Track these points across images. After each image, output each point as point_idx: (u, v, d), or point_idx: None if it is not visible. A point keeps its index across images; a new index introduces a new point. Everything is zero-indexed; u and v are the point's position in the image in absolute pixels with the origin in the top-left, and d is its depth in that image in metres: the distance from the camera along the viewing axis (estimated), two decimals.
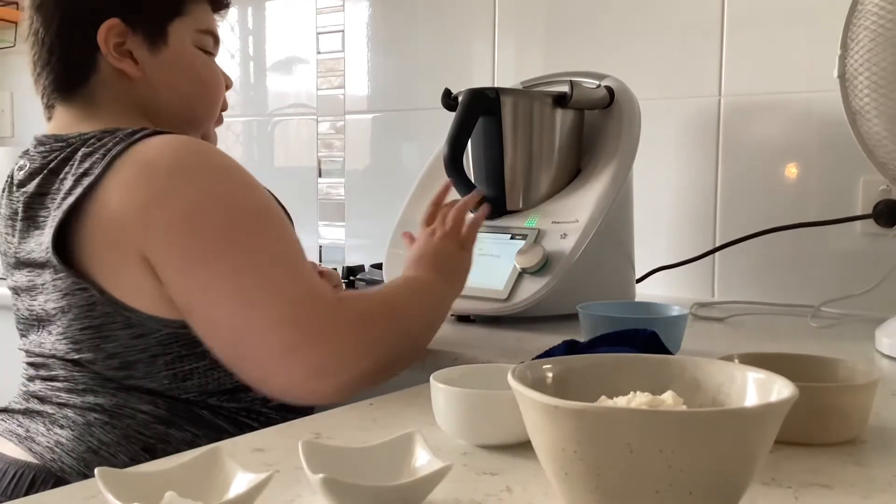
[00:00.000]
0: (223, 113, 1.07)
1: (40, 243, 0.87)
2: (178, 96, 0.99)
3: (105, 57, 0.94)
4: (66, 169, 0.88)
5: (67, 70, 0.95)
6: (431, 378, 0.67)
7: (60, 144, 0.91)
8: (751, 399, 0.54)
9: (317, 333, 0.82)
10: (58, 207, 0.86)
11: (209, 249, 0.83)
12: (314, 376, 0.82)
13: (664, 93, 1.45)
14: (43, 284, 0.88)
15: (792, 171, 1.36)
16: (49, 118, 0.98)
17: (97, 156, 0.86)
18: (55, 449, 0.86)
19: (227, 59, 2.07)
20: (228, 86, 1.07)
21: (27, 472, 0.85)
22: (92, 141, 0.89)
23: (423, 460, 0.56)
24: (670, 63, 1.45)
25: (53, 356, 0.89)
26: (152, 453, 0.85)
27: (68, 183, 0.86)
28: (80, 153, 0.88)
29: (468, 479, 0.58)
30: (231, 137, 2.09)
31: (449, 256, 1.02)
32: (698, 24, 1.42)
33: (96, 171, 0.84)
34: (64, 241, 0.85)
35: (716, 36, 1.41)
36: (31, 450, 0.87)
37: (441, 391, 0.65)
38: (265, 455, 0.64)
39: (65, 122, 0.96)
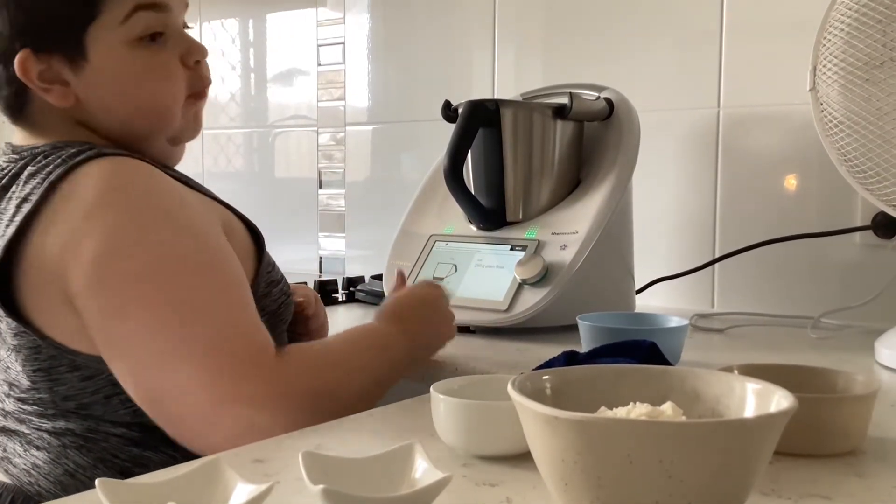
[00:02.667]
0: (207, 89, 0.96)
1: None
2: (115, 117, 0.89)
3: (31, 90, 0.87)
4: (13, 189, 0.83)
5: (4, 103, 0.90)
6: (432, 388, 0.67)
7: (15, 157, 0.87)
8: (750, 410, 0.54)
9: (242, 394, 0.75)
10: (1, 236, 0.81)
11: (121, 303, 0.76)
12: (243, 435, 0.73)
13: (663, 104, 1.45)
14: None
15: (791, 182, 1.36)
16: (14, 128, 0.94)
17: (38, 179, 0.81)
18: (32, 472, 0.84)
19: (229, 70, 2.08)
20: (199, 59, 0.93)
21: (6, 494, 0.84)
22: (39, 158, 0.83)
23: (422, 471, 0.56)
24: (669, 75, 1.46)
25: (17, 385, 0.85)
26: (129, 476, 0.81)
27: (11, 208, 0.81)
28: (26, 172, 0.83)
29: (468, 490, 0.58)
30: (232, 149, 2.09)
31: (428, 306, 0.96)
32: (697, 35, 1.43)
33: (34, 199, 0.79)
34: (8, 277, 0.80)
35: (715, 48, 1.41)
36: (7, 471, 0.85)
37: (441, 402, 0.65)
38: (265, 466, 0.64)
39: (22, 135, 0.91)
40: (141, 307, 0.76)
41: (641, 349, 0.84)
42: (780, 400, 0.52)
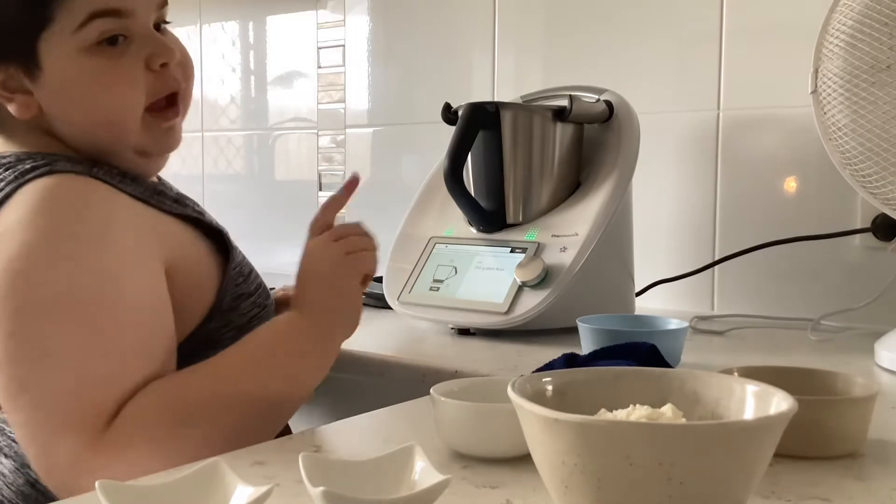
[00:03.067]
0: (179, 94, 0.88)
1: None
2: (76, 128, 0.85)
3: None
4: None
5: None
6: (432, 391, 0.67)
7: None
8: (749, 412, 0.54)
9: (68, 456, 0.72)
10: None
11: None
12: (74, 477, 0.72)
13: (663, 107, 1.46)
14: None
15: (791, 184, 1.37)
16: None
17: None
18: None
19: (229, 72, 2.08)
20: (166, 62, 0.85)
21: None
22: (0, 171, 0.81)
23: (422, 473, 0.56)
24: (669, 77, 1.46)
25: None
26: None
27: None
28: None
29: (468, 493, 0.58)
30: (232, 151, 2.09)
31: (332, 269, 0.89)
32: (697, 38, 1.43)
33: None
34: None
35: (714, 50, 1.41)
36: None
37: (441, 404, 0.65)
38: (265, 468, 0.64)
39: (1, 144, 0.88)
40: (5, 339, 0.73)
41: (641, 351, 0.84)
42: (779, 402, 0.52)
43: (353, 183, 1.00)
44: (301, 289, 0.88)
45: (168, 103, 0.88)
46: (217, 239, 0.92)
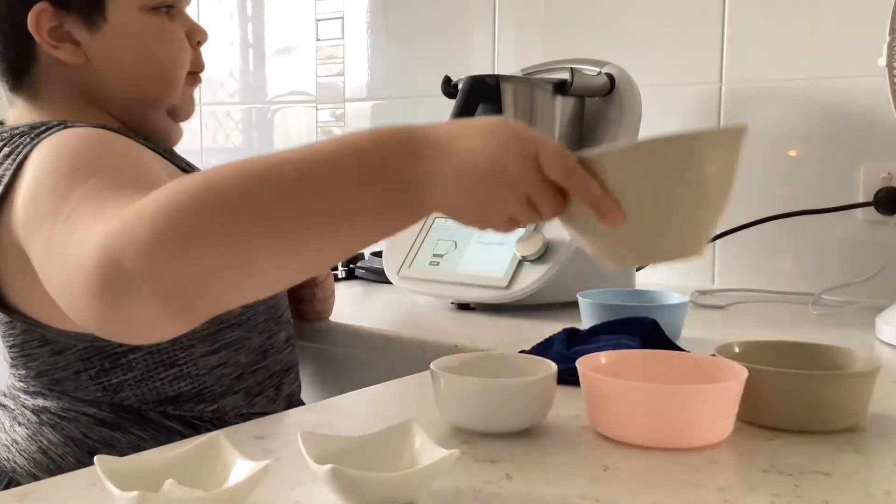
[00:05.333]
0: (201, 73, 0.96)
1: None
2: (125, 78, 0.88)
3: (41, 45, 0.85)
4: None
5: (7, 64, 0.87)
6: (432, 366, 0.67)
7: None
8: None
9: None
10: None
11: (35, 209, 0.70)
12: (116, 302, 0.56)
13: (665, 80, 1.44)
14: None
15: (793, 158, 1.36)
16: (10, 106, 0.91)
17: (10, 160, 0.78)
18: (11, 447, 0.85)
19: (227, 46, 2.07)
20: (201, 41, 0.95)
21: None
22: (16, 138, 0.81)
23: (422, 448, 0.56)
24: (671, 50, 1.45)
25: (7, 359, 0.88)
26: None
27: None
28: (2, 153, 0.80)
29: (468, 467, 0.58)
30: (230, 125, 2.08)
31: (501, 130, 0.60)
32: (699, 10, 1.41)
33: (5, 181, 0.77)
34: None
35: (717, 23, 1.40)
36: None
37: (441, 379, 0.65)
38: (265, 442, 0.64)
39: (16, 113, 0.89)
40: (41, 217, 0.68)
41: (642, 326, 0.84)
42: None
43: None
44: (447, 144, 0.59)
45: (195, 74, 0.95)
46: None
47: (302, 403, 0.98)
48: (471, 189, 0.58)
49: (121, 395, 0.84)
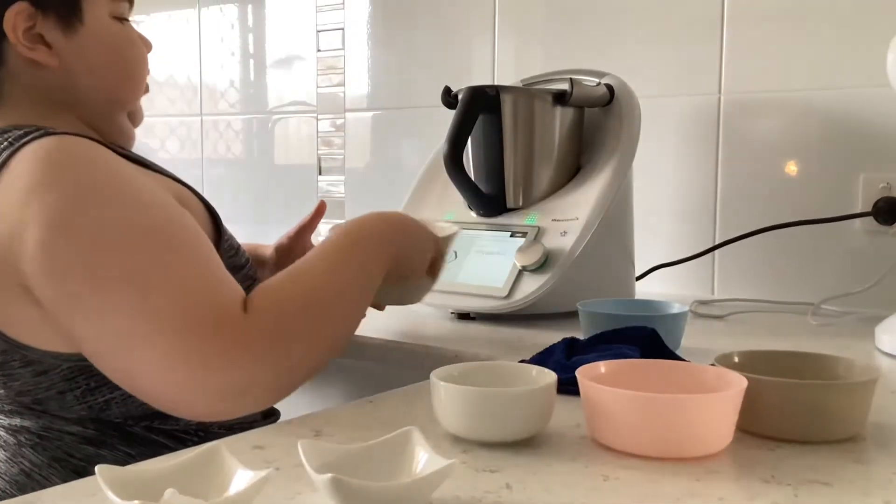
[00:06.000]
0: (147, 79, 0.98)
1: None
2: (100, 81, 0.89)
3: (14, 47, 0.84)
4: None
5: None
6: (432, 375, 0.67)
7: None
8: None
9: (217, 361, 0.70)
10: None
11: (75, 288, 0.72)
12: (221, 401, 0.72)
13: (664, 90, 1.45)
14: None
15: (792, 168, 1.36)
16: None
17: None
18: None
19: (228, 56, 2.07)
20: (149, 50, 0.97)
21: None
22: None
23: (423, 457, 0.56)
24: (670, 61, 1.45)
25: None
26: (83, 477, 0.78)
27: None
28: None
29: (468, 477, 0.58)
30: (231, 135, 2.09)
31: (405, 224, 0.91)
32: (698, 21, 1.42)
33: None
34: None
35: (716, 34, 1.40)
36: None
37: (441, 388, 0.65)
38: (265, 452, 0.64)
39: None
40: (95, 289, 0.71)
41: (641, 336, 0.84)
42: None
43: (320, 209, 1.14)
44: (363, 222, 0.90)
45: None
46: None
47: (276, 411, 0.97)
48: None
49: (107, 412, 0.81)
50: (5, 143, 0.77)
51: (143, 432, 0.83)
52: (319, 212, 1.19)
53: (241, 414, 0.75)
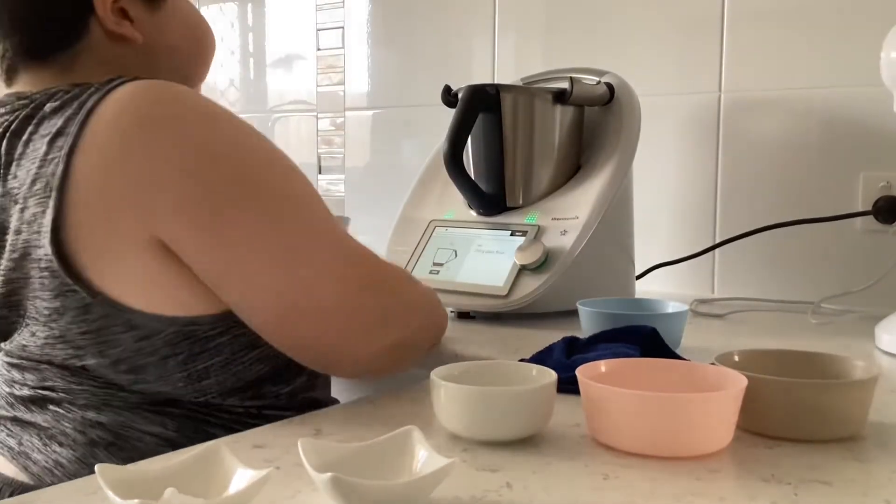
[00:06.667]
0: None
1: (15, 240, 0.74)
2: (179, 58, 0.90)
3: (101, 20, 0.82)
4: (31, 129, 0.75)
5: (46, 33, 0.82)
6: (432, 374, 0.67)
7: (23, 102, 0.79)
8: None
9: (367, 289, 0.78)
10: (33, 183, 0.73)
11: (227, 206, 0.71)
12: (381, 350, 0.80)
13: (664, 89, 1.45)
14: (26, 279, 0.75)
15: (792, 167, 1.36)
16: (8, 83, 0.85)
17: (71, 110, 0.73)
18: (55, 471, 0.76)
19: (228, 55, 2.07)
20: None
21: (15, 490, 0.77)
22: (60, 94, 0.76)
23: (423, 456, 0.56)
24: (670, 59, 1.45)
25: (48, 362, 0.77)
26: None
27: (37, 150, 0.73)
28: (47, 108, 0.76)
29: (468, 476, 0.58)
30: None
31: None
32: (699, 20, 1.42)
33: (72, 131, 0.71)
34: (56, 225, 0.72)
35: (716, 32, 1.40)
36: (27, 468, 0.77)
37: (441, 387, 0.65)
38: (265, 451, 0.64)
39: (30, 84, 0.83)
40: (251, 203, 0.73)
41: (641, 335, 0.84)
42: None
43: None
44: None
45: None
46: None
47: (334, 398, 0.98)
48: None
49: (204, 382, 0.78)
50: (91, 90, 0.75)
51: (223, 433, 0.73)
52: None
53: (387, 367, 0.82)
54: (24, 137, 0.76)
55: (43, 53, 0.82)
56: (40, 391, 0.78)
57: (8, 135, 0.77)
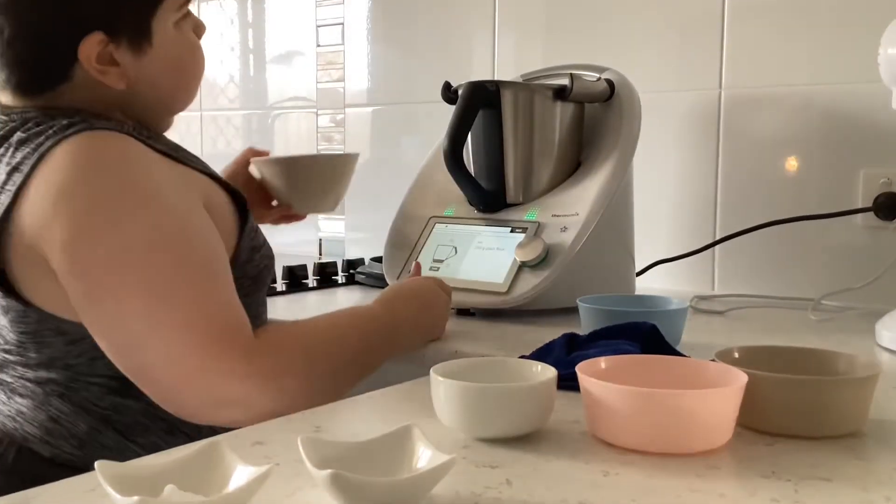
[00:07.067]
0: None
1: None
2: (161, 92, 0.93)
3: (84, 70, 0.87)
4: (2, 152, 0.85)
5: (32, 75, 0.89)
6: (431, 371, 0.67)
7: (3, 119, 0.88)
8: None
9: (217, 367, 0.78)
10: None
11: (95, 288, 0.79)
12: (217, 407, 0.80)
13: (665, 86, 1.45)
14: None
15: (792, 164, 1.36)
16: None
17: (29, 149, 0.82)
18: (17, 418, 0.87)
19: (227, 51, 2.07)
20: (201, 34, 1.00)
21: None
22: (30, 125, 0.85)
23: (422, 453, 0.56)
24: (671, 56, 1.45)
25: (2, 336, 0.88)
26: (111, 424, 0.86)
27: (1, 174, 0.83)
28: (15, 137, 0.84)
29: (468, 472, 0.58)
30: (231, 131, 2.08)
31: (425, 298, 1.00)
32: (699, 16, 1.42)
33: (24, 170, 0.81)
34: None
35: (716, 28, 1.40)
36: None
37: (441, 384, 0.65)
38: (265, 448, 0.64)
39: (14, 101, 0.90)
40: (113, 292, 0.79)
41: (641, 332, 0.84)
42: None
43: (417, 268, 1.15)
44: (392, 293, 0.99)
45: None
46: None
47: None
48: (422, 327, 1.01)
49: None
50: (50, 132, 0.83)
51: None
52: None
53: (225, 424, 0.80)
54: None
55: (30, 90, 0.89)
56: (4, 354, 0.88)
57: None
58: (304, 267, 1.48)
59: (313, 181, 1.19)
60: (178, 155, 0.91)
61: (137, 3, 0.89)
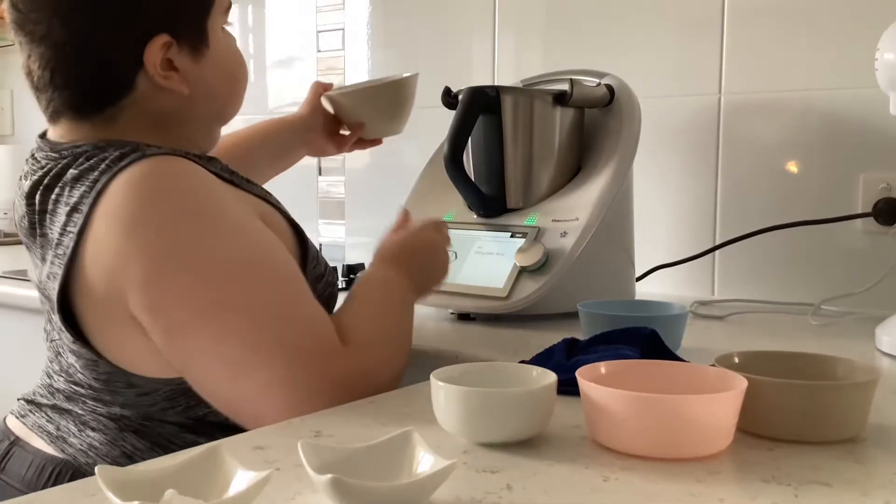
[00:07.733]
0: None
1: (46, 283, 0.83)
2: (217, 102, 0.92)
3: (150, 76, 0.84)
4: (58, 191, 0.82)
5: (96, 89, 0.85)
6: (432, 376, 0.67)
7: (54, 156, 0.85)
8: None
9: (320, 387, 0.77)
10: (57, 245, 0.81)
11: (182, 320, 0.77)
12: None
13: (664, 91, 1.45)
14: (55, 321, 0.84)
15: (792, 168, 1.36)
16: (51, 122, 0.89)
17: (85, 186, 0.80)
18: (89, 452, 0.84)
19: None
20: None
21: (65, 471, 0.84)
22: (82, 160, 0.82)
23: (423, 458, 0.56)
24: (671, 61, 1.45)
25: (72, 374, 0.86)
26: None
27: (61, 215, 0.81)
28: (69, 174, 0.82)
29: (468, 477, 0.58)
30: None
31: (428, 251, 1.00)
32: (699, 21, 1.42)
33: (84, 210, 0.79)
34: (65, 290, 0.81)
35: (716, 34, 1.40)
36: (63, 451, 0.85)
37: (441, 389, 0.65)
38: (265, 453, 0.64)
39: (67, 132, 0.87)
40: (202, 321, 0.77)
41: (641, 336, 0.84)
42: None
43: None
44: (397, 252, 0.97)
45: None
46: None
47: None
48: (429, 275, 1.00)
49: (207, 420, 0.85)
50: (103, 167, 0.80)
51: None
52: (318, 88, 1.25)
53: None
54: (53, 196, 0.83)
55: (89, 108, 0.86)
56: (74, 386, 0.86)
57: (41, 188, 0.84)
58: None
59: (389, 105, 1.25)
60: (232, 178, 0.89)
61: (194, 4, 0.88)
